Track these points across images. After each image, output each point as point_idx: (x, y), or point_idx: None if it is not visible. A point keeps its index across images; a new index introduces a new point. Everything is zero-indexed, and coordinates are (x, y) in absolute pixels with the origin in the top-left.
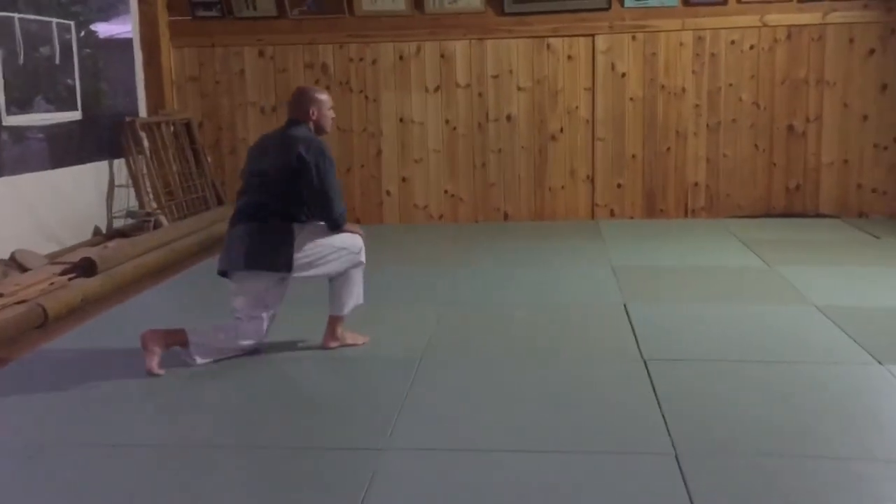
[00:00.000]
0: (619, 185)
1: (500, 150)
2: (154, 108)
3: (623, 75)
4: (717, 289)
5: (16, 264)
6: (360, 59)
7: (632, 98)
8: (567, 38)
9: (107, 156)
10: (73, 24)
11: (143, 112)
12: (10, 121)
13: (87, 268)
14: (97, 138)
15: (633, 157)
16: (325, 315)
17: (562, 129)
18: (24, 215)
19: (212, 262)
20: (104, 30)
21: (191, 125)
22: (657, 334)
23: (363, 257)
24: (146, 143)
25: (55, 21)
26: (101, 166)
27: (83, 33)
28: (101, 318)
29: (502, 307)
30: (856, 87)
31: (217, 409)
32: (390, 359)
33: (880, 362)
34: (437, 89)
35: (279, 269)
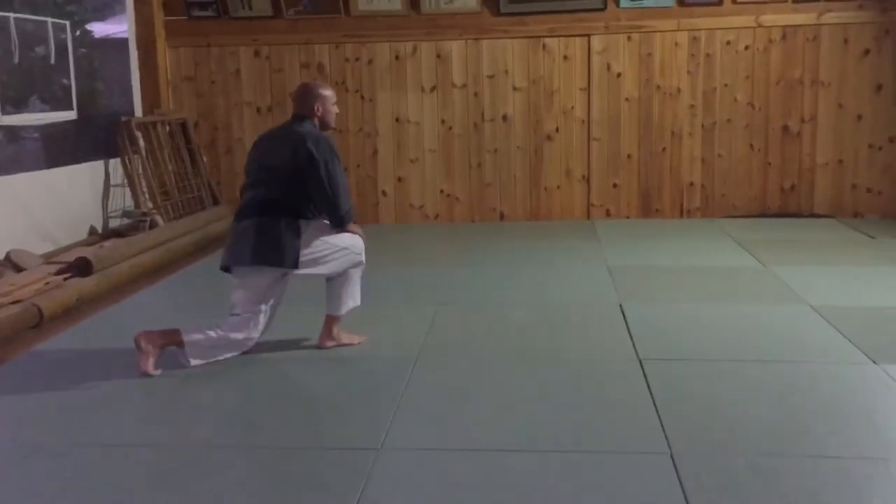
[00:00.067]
0: (614, 185)
1: (495, 150)
2: (150, 108)
3: (618, 75)
4: (712, 289)
5: (11, 264)
6: (356, 59)
7: (627, 98)
8: (563, 39)
9: (102, 155)
10: (68, 23)
11: (138, 112)
12: (5, 120)
13: (82, 267)
14: (93, 138)
15: (629, 157)
16: (322, 315)
17: (557, 129)
18: (19, 215)
19: (208, 261)
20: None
21: (186, 125)
22: (653, 334)
23: (361, 257)
24: (142, 143)
25: (51, 21)
26: (97, 166)
27: (79, 33)
28: (96, 318)
29: (498, 307)
30: (850, 88)
31: (213, 409)
32: (386, 358)
33: (875, 362)
34: (433, 89)
35: (286, 265)
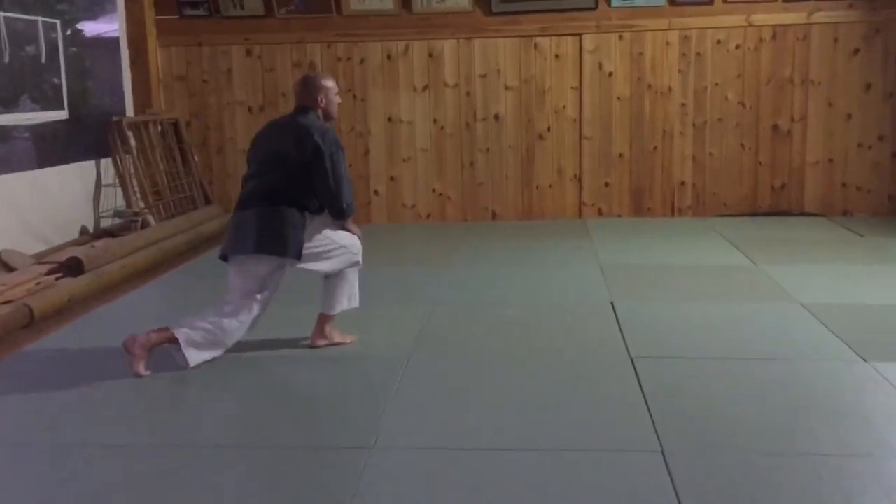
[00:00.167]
0: (606, 184)
1: (487, 149)
2: (141, 108)
3: (610, 74)
4: (703, 287)
5: (2, 264)
6: (348, 59)
7: (619, 97)
8: (554, 38)
9: (94, 155)
10: (59, 22)
11: (129, 111)
12: None
13: (73, 267)
14: (84, 137)
15: (620, 156)
16: (314, 313)
17: (549, 129)
18: (10, 215)
19: (200, 261)
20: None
21: (178, 124)
22: (644, 332)
23: (358, 257)
24: (133, 143)
25: (41, 20)
26: (88, 166)
27: (69, 32)
28: (88, 318)
29: (490, 306)
30: (840, 87)
31: (205, 409)
32: (379, 358)
33: (865, 359)
34: (426, 89)
35: (288, 256)
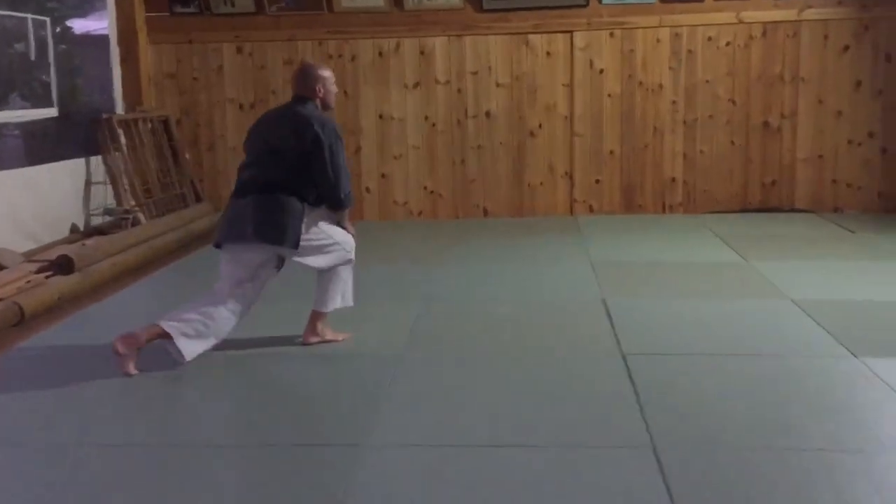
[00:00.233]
0: (597, 181)
1: (479, 146)
2: (131, 105)
3: (601, 72)
4: (694, 284)
5: None
6: (339, 56)
7: (610, 94)
8: (545, 35)
9: (83, 153)
10: (48, 20)
11: (119, 109)
12: None
13: (64, 265)
14: (74, 135)
15: (612, 153)
16: (306, 311)
17: (540, 126)
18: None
19: (191, 259)
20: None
21: (168, 122)
22: (636, 329)
23: (351, 255)
24: (123, 140)
25: (30, 17)
26: (78, 163)
27: (59, 29)
28: (78, 317)
29: (482, 303)
30: (830, 84)
31: (196, 407)
32: (371, 355)
33: (855, 355)
34: (417, 86)
35: (286, 245)
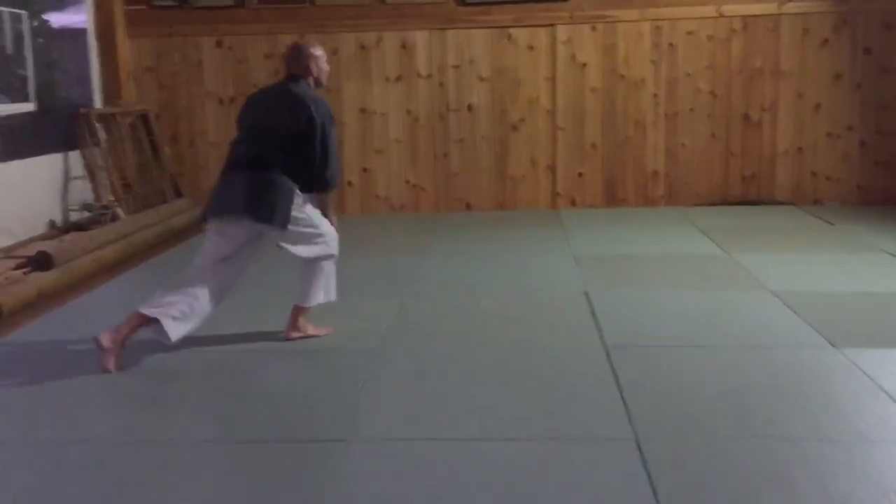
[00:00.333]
0: (579, 175)
1: (461, 140)
2: (110, 100)
3: (583, 65)
4: (676, 276)
5: None
6: None
7: (592, 88)
8: (528, 29)
9: (62, 147)
10: (25, 13)
11: (98, 103)
12: None
13: (42, 261)
14: (52, 130)
15: (594, 146)
16: (288, 306)
17: (523, 119)
18: None
19: (171, 255)
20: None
21: (148, 117)
22: (618, 321)
23: (335, 250)
24: (102, 135)
25: (7, 10)
26: (56, 158)
27: (36, 23)
28: (57, 313)
29: (465, 297)
30: (810, 77)
31: (177, 403)
32: (353, 350)
33: (834, 346)
34: (399, 79)
35: (274, 224)
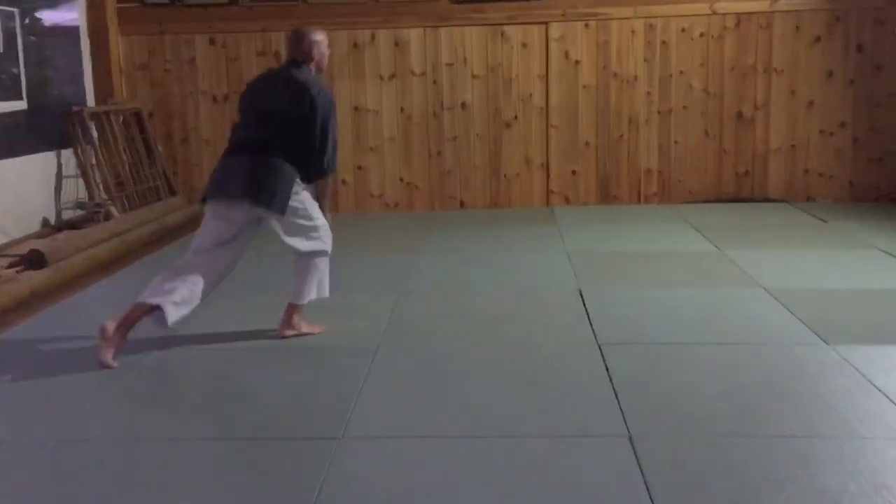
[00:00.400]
0: (573, 172)
1: (455, 137)
2: (102, 98)
3: (576, 63)
4: (669, 273)
5: None
6: None
7: (585, 86)
8: (521, 26)
9: (54, 146)
10: (16, 11)
11: (91, 101)
12: None
13: (35, 260)
14: (44, 128)
15: (587, 144)
16: (281, 304)
17: (516, 117)
18: None
19: (164, 253)
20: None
21: (141, 115)
22: (612, 319)
23: (329, 247)
24: (95, 133)
25: None
26: (49, 157)
27: (28, 21)
28: (50, 312)
29: (459, 295)
30: (802, 74)
31: (171, 401)
32: (347, 348)
33: (827, 343)
34: (392, 77)
35: (273, 209)
